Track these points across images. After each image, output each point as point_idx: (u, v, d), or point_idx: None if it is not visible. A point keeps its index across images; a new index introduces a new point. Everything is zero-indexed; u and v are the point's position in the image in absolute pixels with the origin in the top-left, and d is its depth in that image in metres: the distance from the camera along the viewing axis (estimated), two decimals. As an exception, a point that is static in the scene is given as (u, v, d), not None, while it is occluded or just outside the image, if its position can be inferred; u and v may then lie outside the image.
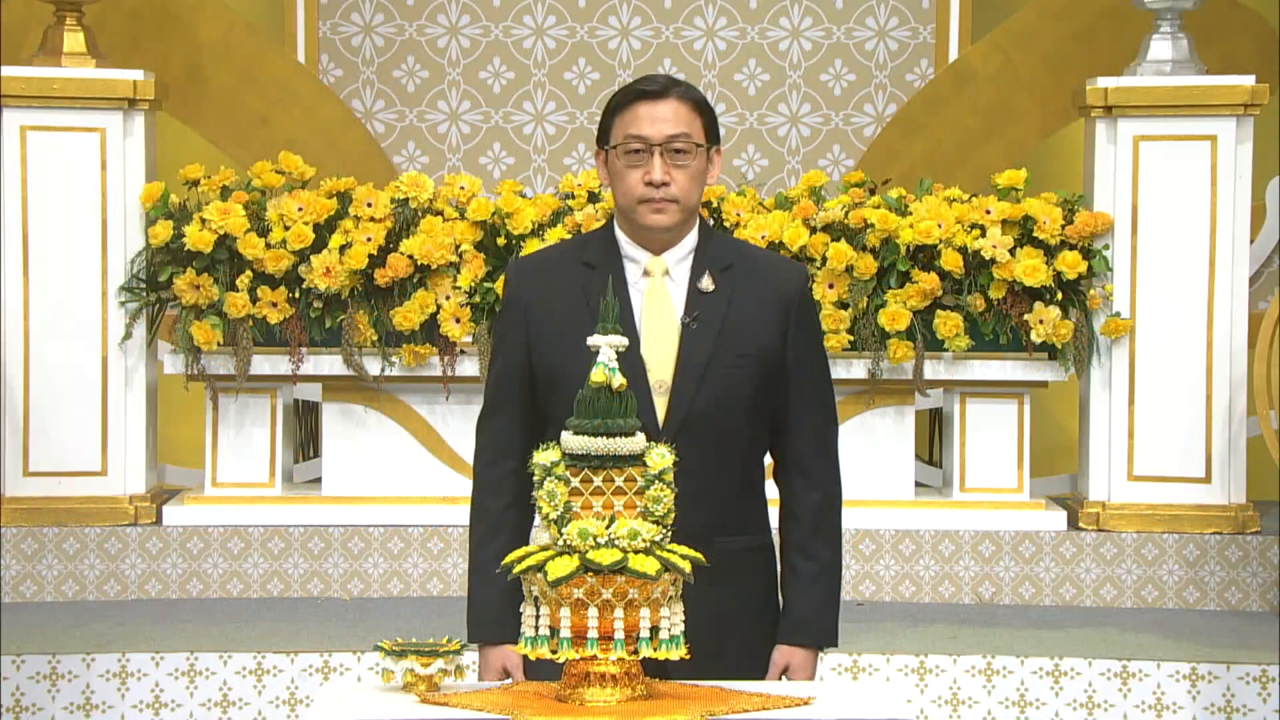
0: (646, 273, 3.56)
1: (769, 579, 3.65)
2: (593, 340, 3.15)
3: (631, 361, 3.47)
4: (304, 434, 7.41)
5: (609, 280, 3.47)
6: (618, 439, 3.10)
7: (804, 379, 3.62)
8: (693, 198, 3.55)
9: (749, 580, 3.54)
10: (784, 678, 3.61)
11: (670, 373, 3.51)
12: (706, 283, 3.56)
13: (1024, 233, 6.59)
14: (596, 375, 3.12)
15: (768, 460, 3.70)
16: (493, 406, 3.65)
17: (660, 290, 3.55)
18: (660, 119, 3.52)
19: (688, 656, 3.10)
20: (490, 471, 3.63)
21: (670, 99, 3.53)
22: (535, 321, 3.57)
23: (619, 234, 3.60)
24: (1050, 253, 6.57)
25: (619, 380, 3.11)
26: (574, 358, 3.45)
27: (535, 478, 3.11)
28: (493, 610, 3.56)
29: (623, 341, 3.13)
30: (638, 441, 3.11)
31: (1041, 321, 6.52)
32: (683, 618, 3.12)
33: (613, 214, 3.64)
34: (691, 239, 3.58)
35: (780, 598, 3.68)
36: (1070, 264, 6.54)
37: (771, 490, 3.71)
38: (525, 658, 3.48)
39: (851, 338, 6.54)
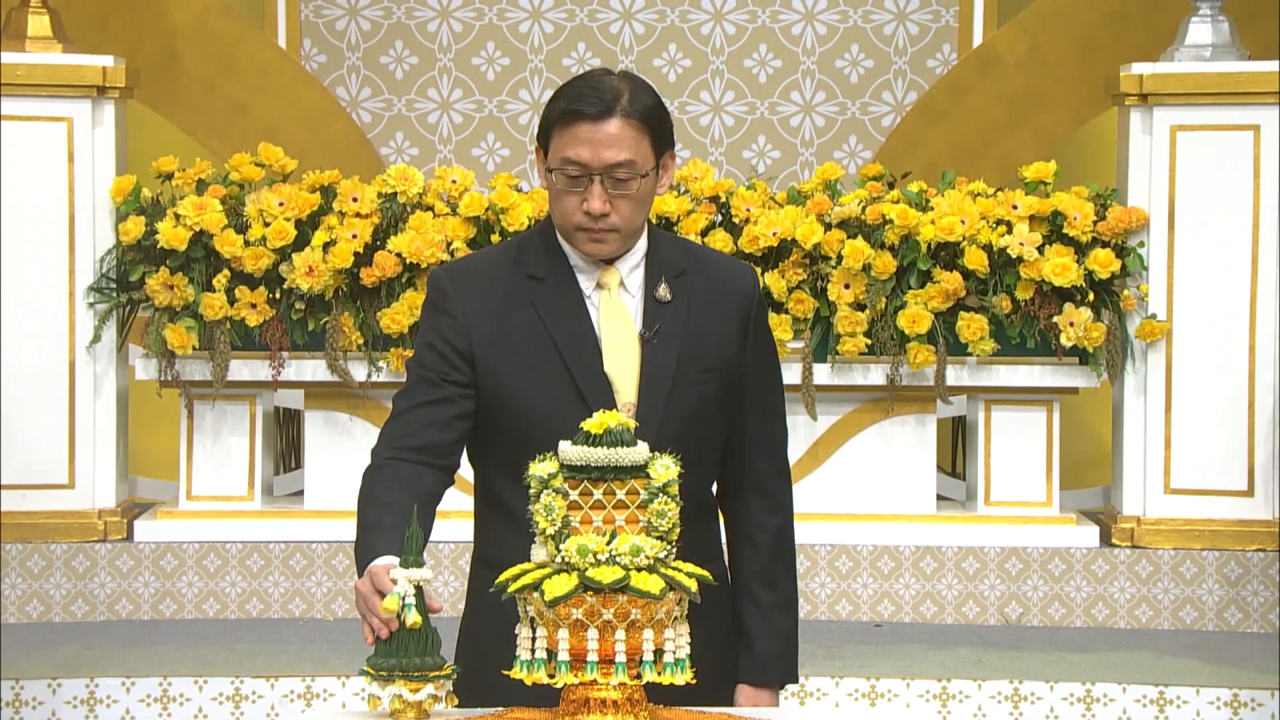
0: (600, 284, 3.47)
1: (730, 608, 3.58)
2: (394, 572, 3.09)
3: (598, 382, 3.42)
4: (285, 444, 7.41)
5: (563, 293, 3.41)
6: (619, 449, 3.09)
7: (763, 390, 3.56)
8: (636, 222, 3.43)
9: (714, 611, 3.45)
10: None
11: (634, 393, 3.44)
12: (663, 292, 3.47)
13: (1053, 229, 6.58)
14: (390, 603, 3.07)
15: None
16: (411, 405, 3.43)
17: (616, 303, 3.46)
18: (601, 144, 3.36)
19: (694, 681, 3.09)
20: (403, 465, 3.40)
21: (614, 119, 3.37)
22: (481, 338, 3.42)
23: (563, 243, 3.48)
24: (1081, 250, 6.56)
25: (413, 617, 3.07)
26: (532, 379, 3.38)
27: (531, 490, 3.10)
28: (369, 519, 3.32)
29: (426, 575, 3.07)
30: (640, 452, 3.10)
31: (1072, 324, 6.52)
32: (688, 639, 3.11)
33: (550, 216, 3.51)
34: (642, 245, 3.48)
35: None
36: (1103, 263, 6.54)
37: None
38: (496, 675, 3.35)
39: (869, 341, 6.53)
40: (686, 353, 3.47)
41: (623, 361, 3.45)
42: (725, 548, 3.62)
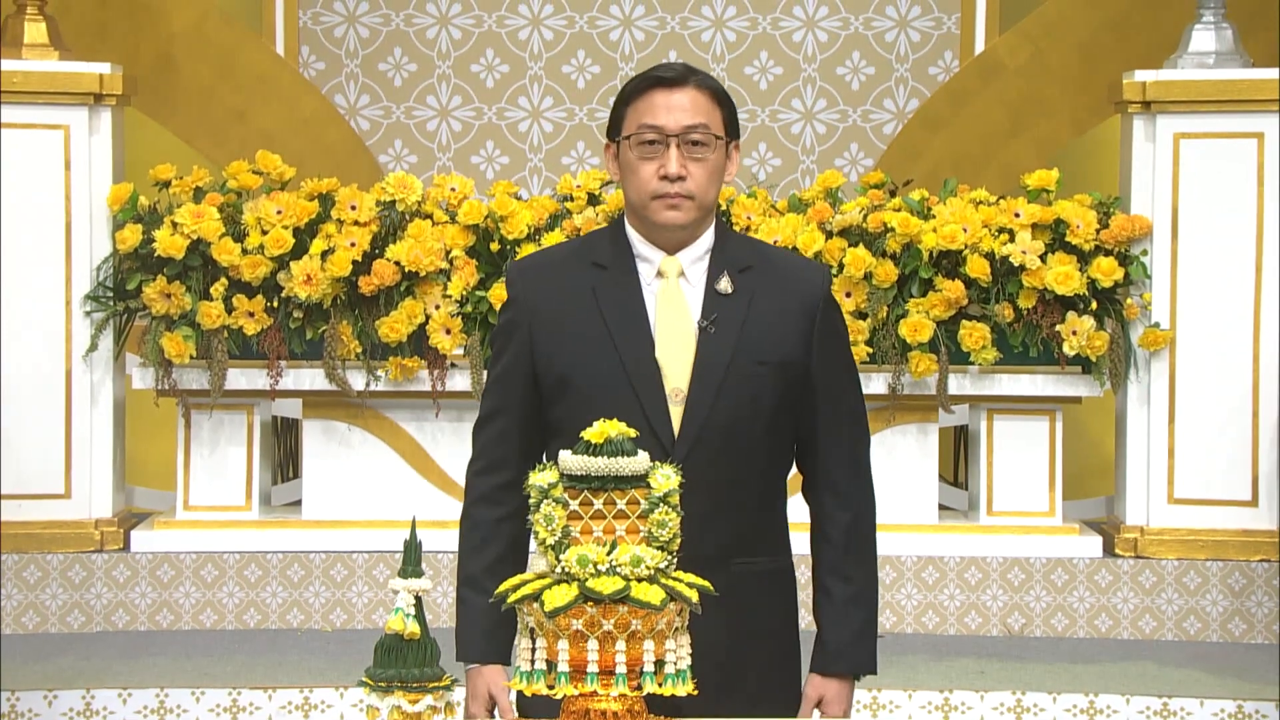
0: (660, 273, 3.56)
1: (788, 604, 3.65)
2: (394, 583, 3.12)
3: (646, 368, 3.48)
4: (283, 453, 7.41)
5: (621, 280, 3.50)
6: (619, 458, 3.09)
7: (832, 389, 3.62)
8: (710, 194, 3.55)
9: (767, 605, 3.53)
10: (817, 711, 3.61)
11: (686, 380, 3.51)
12: (724, 284, 3.56)
13: (1056, 237, 6.59)
14: (394, 623, 3.08)
15: (791, 475, 3.70)
16: (491, 411, 3.65)
17: (675, 292, 3.55)
18: (677, 108, 3.52)
19: (694, 692, 3.10)
20: (485, 481, 3.64)
21: (688, 87, 3.53)
22: (541, 325, 3.57)
23: (630, 232, 3.59)
24: (1084, 259, 6.57)
25: (412, 628, 3.08)
26: (585, 364, 3.51)
27: (531, 500, 3.11)
28: (482, 627, 3.56)
29: (425, 585, 3.10)
30: (640, 461, 3.10)
31: (1075, 333, 6.52)
32: (689, 650, 3.11)
33: (622, 212, 3.65)
34: (708, 238, 3.58)
35: (799, 624, 3.67)
36: (1105, 271, 6.54)
37: (798, 511, 3.70)
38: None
39: (870, 350, 6.53)
40: (744, 345, 3.54)
41: (676, 349, 3.53)
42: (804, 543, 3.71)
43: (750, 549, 3.53)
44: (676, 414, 3.50)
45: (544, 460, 3.59)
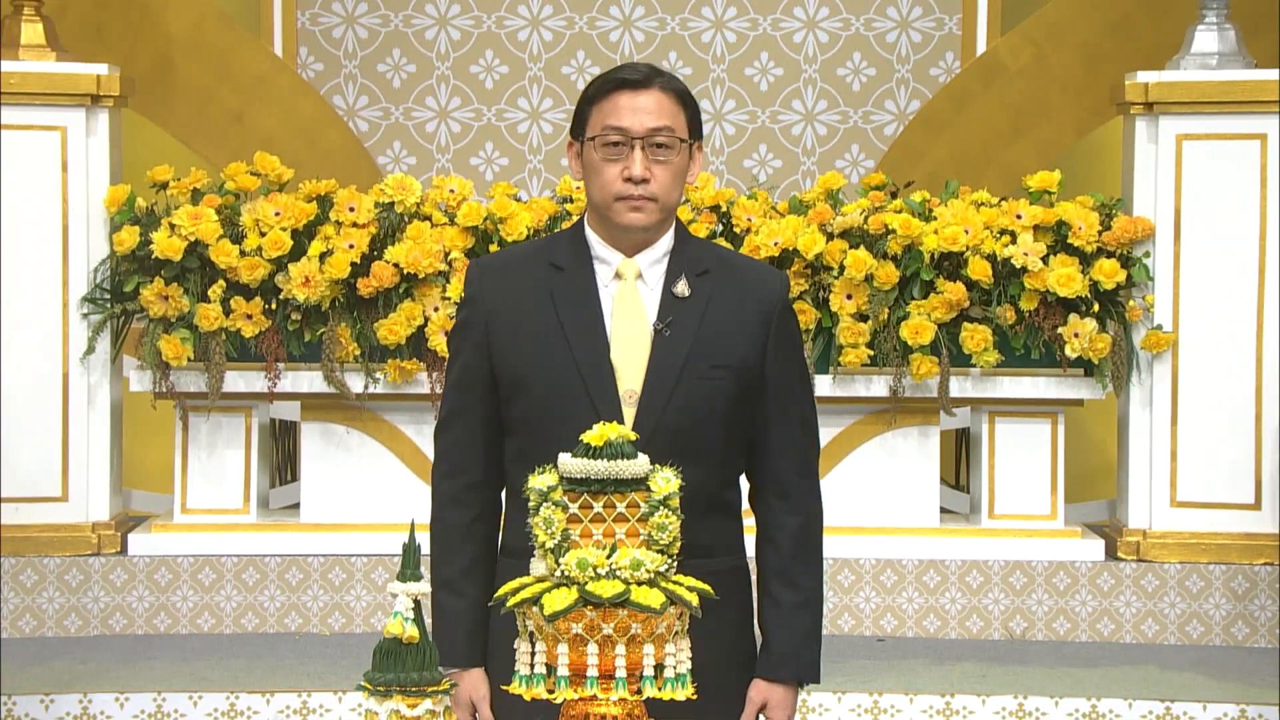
0: (618, 275, 3.58)
1: (743, 606, 3.65)
2: (393, 586, 3.12)
3: (600, 369, 3.50)
4: (281, 456, 7.40)
5: (578, 282, 3.53)
6: (619, 461, 3.09)
7: (785, 394, 3.63)
8: (672, 196, 3.57)
9: (722, 607, 3.51)
10: (761, 716, 3.62)
11: (639, 381, 3.53)
12: (682, 288, 3.58)
13: (1058, 239, 6.58)
14: (392, 627, 3.08)
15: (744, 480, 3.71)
16: (450, 414, 3.67)
17: (631, 294, 3.57)
18: (642, 110, 3.53)
19: (695, 696, 3.10)
20: (450, 484, 3.67)
21: (653, 89, 3.55)
22: (498, 326, 3.59)
23: (589, 233, 3.61)
24: (1086, 261, 6.56)
25: (410, 632, 3.08)
26: (539, 365, 3.54)
27: (530, 503, 3.10)
28: (462, 630, 3.56)
29: (424, 589, 3.10)
30: (640, 464, 3.10)
31: (1077, 335, 6.52)
32: (689, 654, 3.11)
33: (584, 212, 3.66)
34: (667, 241, 3.60)
35: (755, 627, 3.68)
36: (1108, 273, 6.54)
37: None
38: (494, 690, 3.47)
39: (871, 352, 6.53)
40: (699, 347, 3.56)
41: (630, 351, 3.55)
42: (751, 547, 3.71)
43: (706, 550, 3.53)
44: (629, 415, 3.52)
45: (505, 459, 3.61)
